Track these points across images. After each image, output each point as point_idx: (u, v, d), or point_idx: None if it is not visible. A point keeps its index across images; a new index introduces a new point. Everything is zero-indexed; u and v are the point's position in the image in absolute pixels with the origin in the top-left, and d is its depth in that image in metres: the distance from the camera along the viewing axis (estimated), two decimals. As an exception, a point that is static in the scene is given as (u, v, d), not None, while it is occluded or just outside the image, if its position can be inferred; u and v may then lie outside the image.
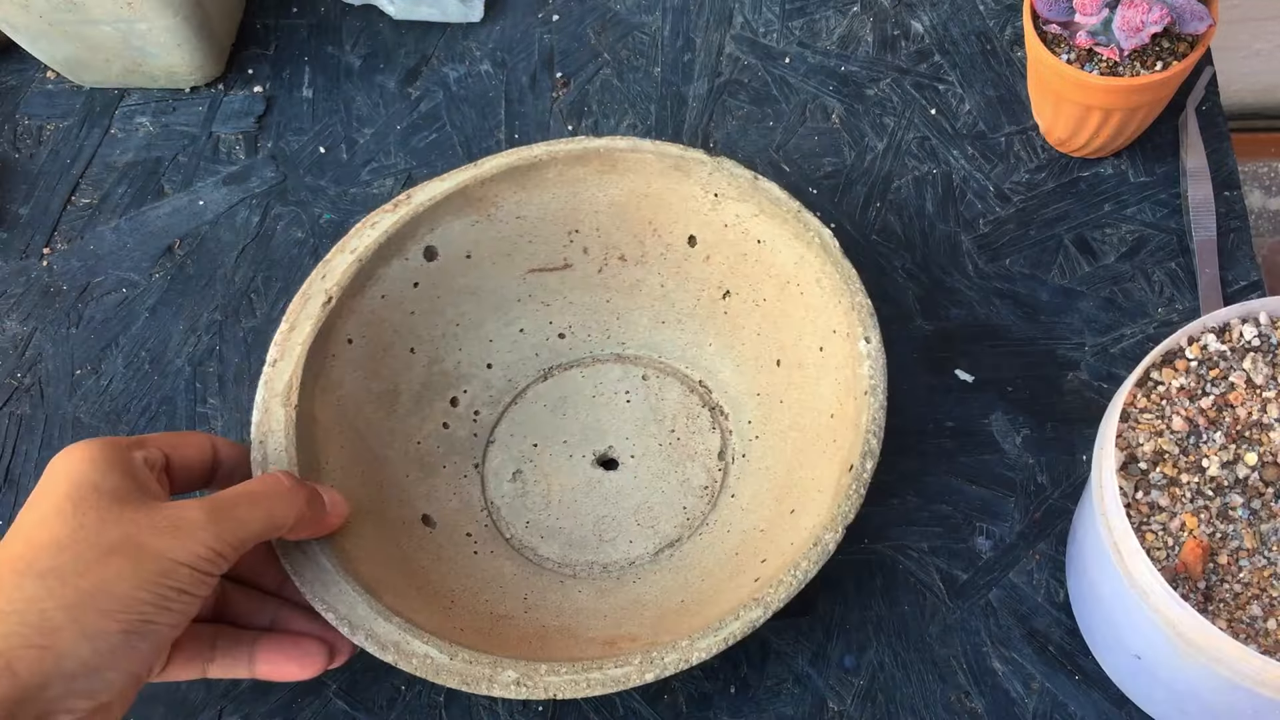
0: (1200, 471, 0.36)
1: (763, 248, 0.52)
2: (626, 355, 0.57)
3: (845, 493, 0.44)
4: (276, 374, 0.49)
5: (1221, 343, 0.38)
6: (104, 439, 0.40)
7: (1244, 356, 0.38)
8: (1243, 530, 0.35)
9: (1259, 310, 0.39)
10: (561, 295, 0.56)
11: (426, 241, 0.53)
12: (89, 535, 0.37)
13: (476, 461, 0.54)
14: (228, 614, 0.46)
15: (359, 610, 0.44)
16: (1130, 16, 0.50)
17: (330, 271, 0.51)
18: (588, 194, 0.54)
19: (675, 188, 0.53)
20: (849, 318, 0.48)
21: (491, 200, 0.53)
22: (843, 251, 0.50)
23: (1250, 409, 0.37)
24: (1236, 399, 0.37)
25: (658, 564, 0.51)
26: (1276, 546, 0.35)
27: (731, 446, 0.54)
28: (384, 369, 0.52)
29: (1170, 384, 0.38)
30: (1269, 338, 0.38)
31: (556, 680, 0.42)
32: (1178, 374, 0.38)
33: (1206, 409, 0.37)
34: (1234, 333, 0.39)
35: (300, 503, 0.43)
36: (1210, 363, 0.38)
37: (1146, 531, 0.36)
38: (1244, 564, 0.35)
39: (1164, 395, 0.38)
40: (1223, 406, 0.38)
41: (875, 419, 0.46)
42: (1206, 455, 0.37)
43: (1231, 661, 0.32)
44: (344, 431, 0.50)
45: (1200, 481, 0.36)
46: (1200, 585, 0.35)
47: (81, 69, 0.66)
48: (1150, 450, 0.37)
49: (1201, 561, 0.35)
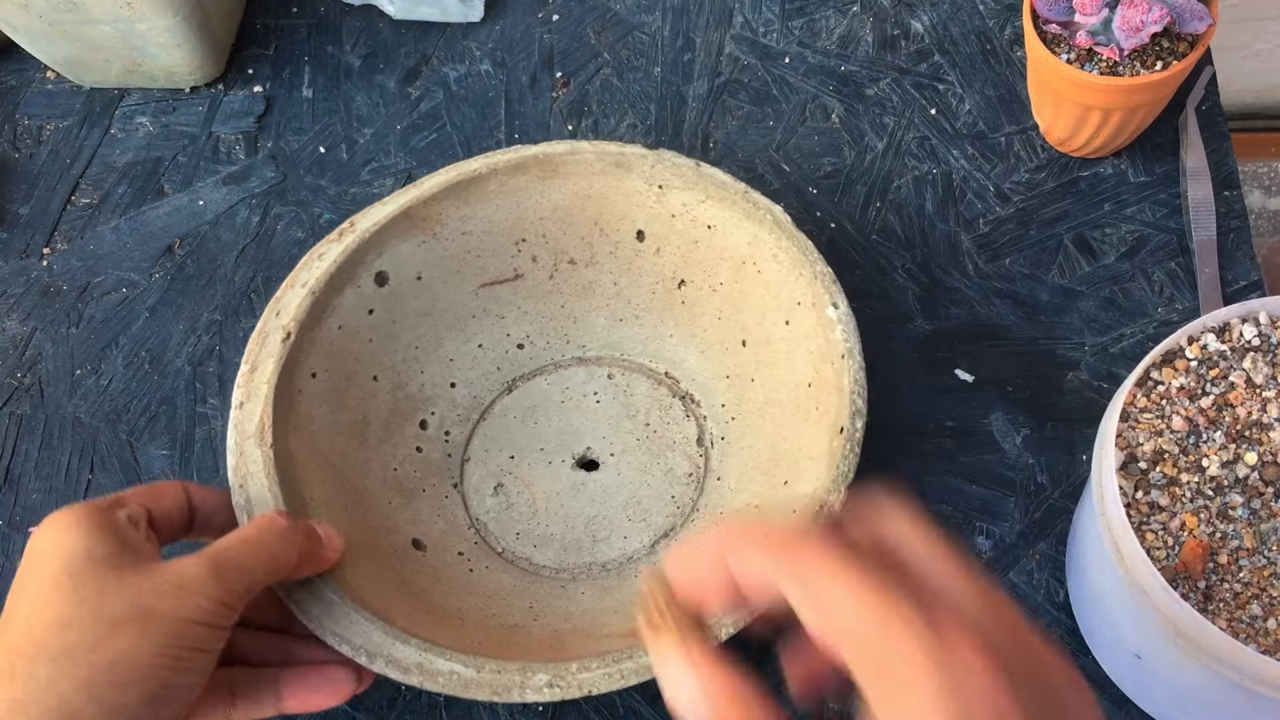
0: (1200, 471, 0.36)
1: (714, 232, 0.53)
2: (588, 357, 0.57)
3: (841, 454, 0.45)
4: (245, 416, 0.48)
5: (1221, 342, 0.38)
6: (82, 505, 0.39)
7: (1244, 356, 0.38)
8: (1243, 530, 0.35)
9: (1259, 310, 0.39)
10: (515, 306, 0.56)
11: (376, 267, 0.52)
12: (93, 609, 0.36)
13: (455, 481, 0.54)
14: (238, 657, 0.45)
15: (374, 637, 0.43)
16: (1130, 16, 0.50)
17: (284, 307, 0.50)
18: (531, 202, 0.54)
19: (618, 185, 0.53)
20: (813, 288, 0.48)
21: (436, 219, 0.53)
22: (796, 225, 0.50)
23: (1250, 409, 0.37)
24: (1236, 399, 0.37)
25: (656, 555, 0.51)
26: (1276, 546, 0.35)
27: (709, 431, 0.54)
28: (350, 399, 0.52)
29: (1170, 384, 0.38)
30: (1269, 337, 0.38)
31: (589, 676, 0.42)
32: (1178, 374, 0.38)
33: (1206, 409, 0.37)
34: (1234, 332, 0.39)
35: (300, 541, 0.42)
36: (1210, 362, 0.38)
37: (1146, 531, 0.36)
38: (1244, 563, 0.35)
39: (1164, 395, 0.38)
40: (1223, 406, 0.37)
41: (857, 379, 0.46)
42: (1207, 455, 0.37)
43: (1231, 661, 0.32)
44: (321, 466, 0.50)
45: (1200, 481, 0.36)
46: (1200, 585, 0.35)
47: (81, 69, 0.66)
48: (1150, 450, 0.37)
49: (1202, 561, 0.35)
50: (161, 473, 0.56)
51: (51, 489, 0.57)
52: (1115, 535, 0.36)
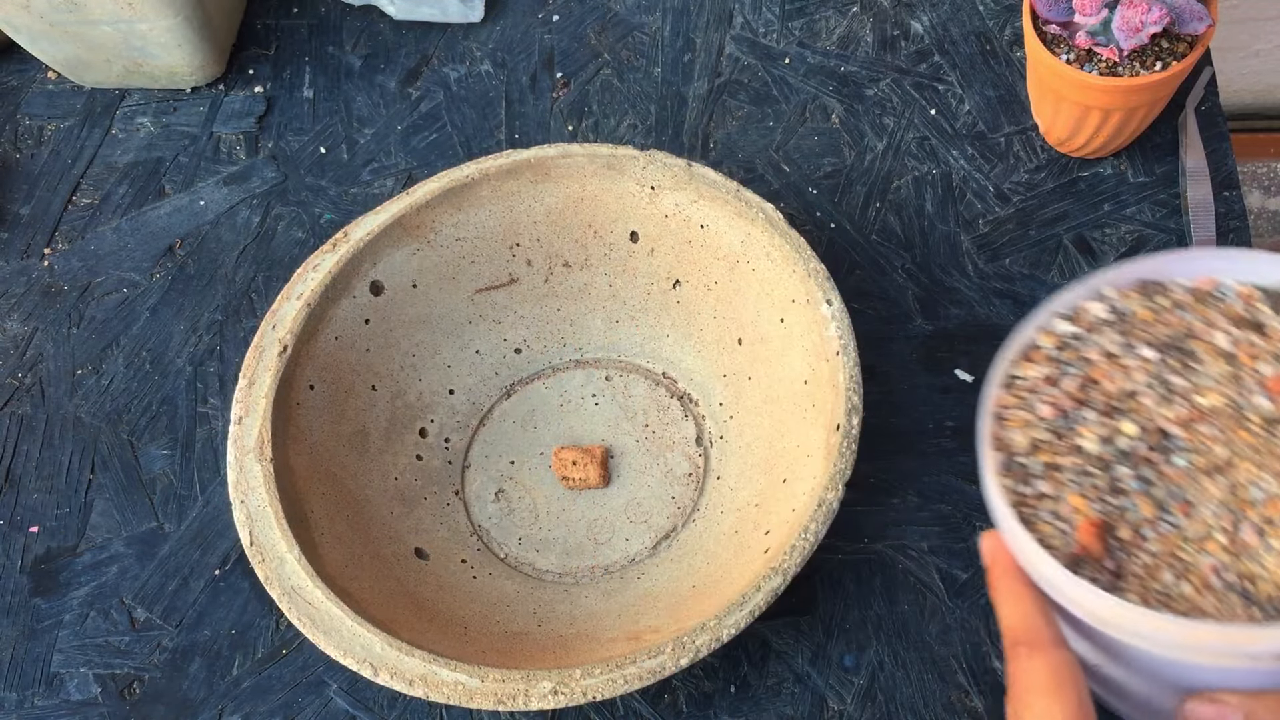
0: (1079, 452, 0.35)
1: (707, 232, 0.53)
2: (586, 360, 0.57)
3: (839, 451, 0.45)
4: (244, 430, 0.48)
5: (1073, 325, 0.37)
6: None
7: (1097, 332, 0.37)
8: (1138, 501, 0.34)
9: (1101, 286, 0.38)
10: (511, 311, 0.56)
11: (371, 277, 0.53)
12: None
13: (456, 488, 0.55)
14: None
15: (377, 649, 0.43)
16: (1130, 17, 0.50)
17: (280, 320, 0.51)
18: (523, 206, 0.54)
19: (610, 187, 0.53)
20: (806, 285, 0.49)
21: (429, 226, 0.53)
22: (789, 223, 0.50)
23: (1115, 380, 0.36)
24: (1099, 374, 0.36)
25: (658, 556, 0.52)
26: (1177, 509, 0.34)
27: (707, 431, 0.54)
28: (349, 410, 0.52)
29: (1030, 375, 0.37)
30: (1118, 308, 0.37)
31: (593, 683, 0.42)
32: (1036, 365, 0.37)
33: (1072, 391, 0.36)
34: (1084, 314, 0.38)
35: None
36: (1067, 348, 0.37)
37: (1039, 523, 0.35)
38: (1148, 534, 0.34)
39: (1028, 388, 0.37)
40: (1087, 385, 0.37)
41: (852, 376, 0.46)
42: (1081, 434, 0.35)
43: (1151, 633, 0.31)
44: (321, 478, 0.50)
45: (1082, 462, 0.35)
46: (1108, 565, 0.34)
47: (82, 69, 0.66)
48: (1024, 443, 0.36)
49: (1099, 539, 0.33)
50: (162, 473, 0.56)
51: (52, 489, 0.57)
52: (1005, 535, 0.35)
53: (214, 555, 0.54)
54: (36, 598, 0.54)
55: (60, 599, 0.54)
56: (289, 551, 0.46)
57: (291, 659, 0.52)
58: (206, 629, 0.53)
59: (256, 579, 0.53)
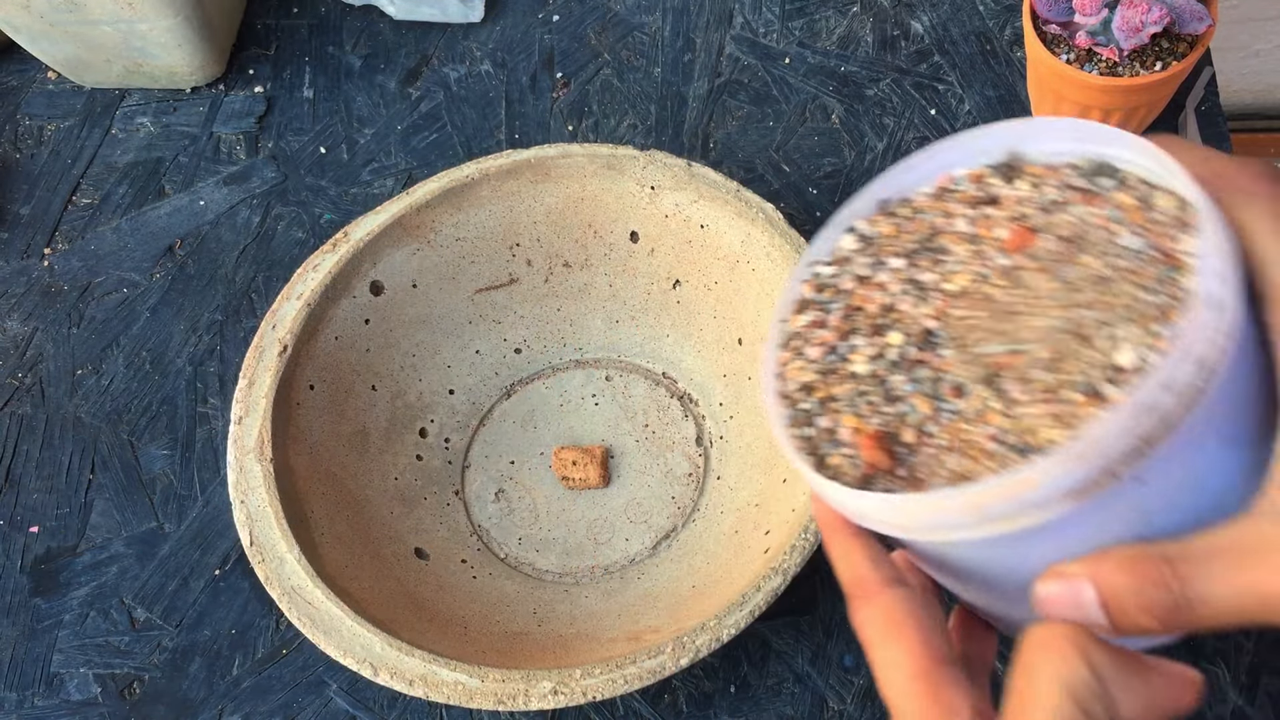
0: (853, 378, 0.35)
1: (707, 232, 0.53)
2: (586, 359, 0.57)
3: None
4: (244, 431, 0.48)
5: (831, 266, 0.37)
6: None
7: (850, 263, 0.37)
8: (915, 401, 0.33)
9: (848, 219, 0.37)
10: (511, 311, 0.56)
11: (371, 277, 0.53)
12: None
13: (456, 488, 0.55)
14: None
15: (376, 650, 0.44)
16: (1130, 16, 0.50)
17: (280, 320, 0.51)
18: (523, 206, 0.54)
19: (610, 187, 0.53)
20: None
21: (429, 226, 0.53)
22: (789, 223, 0.50)
23: (875, 300, 0.35)
24: (859, 299, 0.36)
25: (658, 556, 0.52)
26: (949, 394, 0.32)
27: (707, 431, 0.54)
28: (349, 410, 0.52)
29: (799, 325, 0.36)
30: (867, 234, 0.37)
31: (593, 683, 0.42)
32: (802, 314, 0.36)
33: (837, 324, 0.35)
34: (839, 252, 0.36)
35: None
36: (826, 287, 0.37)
37: (828, 458, 0.33)
38: (932, 429, 0.32)
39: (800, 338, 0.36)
40: (851, 314, 0.36)
41: None
42: (850, 360, 0.35)
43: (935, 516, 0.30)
44: (321, 479, 0.50)
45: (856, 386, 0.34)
46: (900, 473, 0.32)
47: (82, 69, 0.66)
48: (795, 388, 0.35)
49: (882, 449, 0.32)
50: (162, 472, 0.56)
51: (52, 489, 0.57)
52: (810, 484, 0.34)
53: (214, 555, 0.54)
54: (36, 598, 0.54)
55: (60, 599, 0.54)
56: (289, 551, 0.46)
57: (291, 659, 0.52)
58: (206, 629, 0.53)
59: (256, 579, 0.53)
